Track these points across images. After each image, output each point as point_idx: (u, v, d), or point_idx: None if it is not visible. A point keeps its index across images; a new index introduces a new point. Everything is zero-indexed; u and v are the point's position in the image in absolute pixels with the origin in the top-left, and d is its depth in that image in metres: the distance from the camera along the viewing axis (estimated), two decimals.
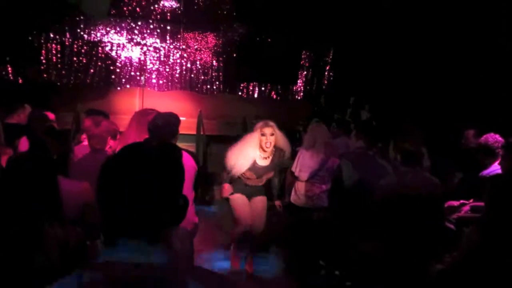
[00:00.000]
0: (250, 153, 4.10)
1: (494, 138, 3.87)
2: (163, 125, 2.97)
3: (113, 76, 8.34)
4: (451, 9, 6.15)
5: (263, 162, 4.21)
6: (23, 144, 3.11)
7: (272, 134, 4.07)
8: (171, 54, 8.68)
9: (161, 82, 8.65)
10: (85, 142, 3.48)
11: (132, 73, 8.46)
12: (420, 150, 3.18)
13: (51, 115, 4.21)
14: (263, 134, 4.08)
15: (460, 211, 3.68)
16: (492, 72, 5.91)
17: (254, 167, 4.18)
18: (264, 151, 4.13)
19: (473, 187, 3.91)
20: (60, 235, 1.80)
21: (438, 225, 3.10)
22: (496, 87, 5.90)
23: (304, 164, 4.47)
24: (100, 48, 8.21)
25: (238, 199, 4.31)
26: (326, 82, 9.58)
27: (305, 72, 9.43)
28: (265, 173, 4.24)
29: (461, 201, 3.90)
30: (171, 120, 3.04)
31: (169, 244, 1.20)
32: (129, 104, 8.26)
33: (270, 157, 4.21)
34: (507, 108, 5.56)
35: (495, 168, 3.75)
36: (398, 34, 7.12)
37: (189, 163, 2.93)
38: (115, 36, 8.27)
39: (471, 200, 3.84)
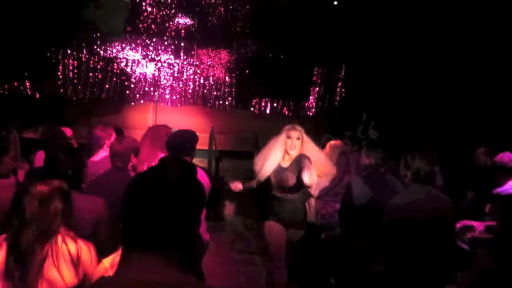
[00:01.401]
0: (275, 155, 3.82)
1: (510, 157, 3.84)
2: (179, 143, 3.02)
3: (127, 92, 8.48)
4: (462, 25, 6.14)
5: (286, 164, 3.86)
6: (39, 159, 3.17)
7: (298, 139, 3.78)
8: (185, 70, 8.81)
9: (174, 97, 8.77)
10: (95, 158, 3.51)
11: (146, 89, 8.60)
12: (432, 168, 3.15)
13: (68, 131, 4.27)
14: (288, 137, 3.80)
15: (474, 231, 3.62)
16: (505, 89, 5.87)
17: (278, 170, 3.82)
18: (288, 154, 3.81)
19: (486, 205, 3.87)
20: (72, 250, 1.83)
21: (450, 244, 3.05)
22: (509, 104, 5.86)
23: (320, 181, 4.44)
24: (115, 64, 8.37)
25: (273, 227, 3.82)
26: (338, 98, 9.60)
27: (317, 88, 9.47)
28: (289, 176, 3.79)
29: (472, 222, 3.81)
30: (187, 138, 3.08)
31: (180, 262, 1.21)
32: (142, 119, 8.36)
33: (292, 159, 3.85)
34: None
35: (510, 186, 3.70)
36: (410, 51, 7.12)
37: (203, 181, 2.95)
38: (130, 53, 8.43)
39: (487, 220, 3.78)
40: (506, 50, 5.65)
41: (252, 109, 9.30)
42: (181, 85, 8.80)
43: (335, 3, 8.33)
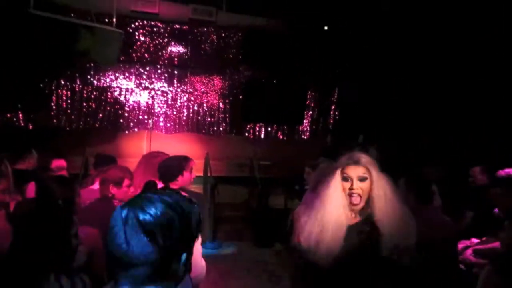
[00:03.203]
0: (336, 213, 2.18)
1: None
2: (163, 168, 3.03)
3: (121, 120, 8.47)
4: (459, 42, 6.18)
5: (352, 220, 2.26)
6: (31, 190, 3.13)
7: (364, 179, 2.19)
8: (179, 98, 8.84)
9: (168, 125, 8.77)
10: (92, 186, 3.50)
11: (140, 117, 8.60)
12: (431, 188, 3.16)
13: (62, 162, 4.26)
14: (345, 179, 2.23)
15: (463, 254, 3.59)
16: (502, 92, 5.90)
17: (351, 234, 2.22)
18: (353, 205, 2.22)
19: (485, 225, 3.84)
20: (65, 287, 1.76)
21: (452, 265, 3.01)
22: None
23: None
24: (109, 93, 8.39)
25: None
26: (332, 121, 9.65)
27: (310, 112, 9.52)
28: (360, 241, 2.18)
29: (472, 239, 3.82)
30: (172, 164, 3.09)
31: None
32: (136, 147, 8.33)
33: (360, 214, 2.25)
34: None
35: None
36: (402, 72, 7.20)
37: None
38: (124, 81, 8.47)
39: (484, 238, 3.76)
40: (503, 51, 5.69)
41: (246, 134, 9.31)
42: (175, 112, 8.82)
43: (326, 28, 8.48)
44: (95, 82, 8.31)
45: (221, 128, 9.08)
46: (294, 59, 8.76)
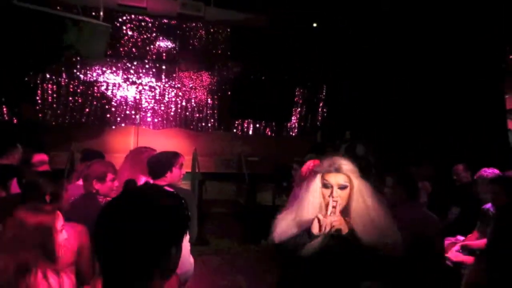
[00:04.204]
0: (310, 219, 2.06)
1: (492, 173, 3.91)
2: (152, 164, 3.00)
3: (108, 115, 8.39)
4: (459, 42, 6.17)
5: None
6: (15, 186, 3.08)
7: (344, 187, 2.11)
8: (167, 93, 8.78)
9: (156, 120, 8.71)
10: (79, 182, 3.45)
11: (128, 112, 8.52)
12: (417, 185, 3.20)
13: (44, 156, 4.19)
14: (325, 185, 2.13)
15: (450, 251, 3.65)
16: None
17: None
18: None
19: (470, 222, 3.90)
20: (53, 285, 1.73)
21: (439, 262, 3.04)
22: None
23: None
24: (95, 88, 8.29)
25: None
26: (320, 118, 9.69)
27: (299, 109, 9.54)
28: (335, 247, 2.11)
29: (457, 236, 3.88)
30: (161, 159, 3.06)
31: None
32: (124, 143, 8.27)
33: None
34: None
35: None
36: (401, 72, 7.19)
37: None
38: (111, 76, 8.38)
39: (469, 235, 3.82)
40: (503, 51, 5.70)
41: (234, 130, 9.30)
42: (163, 108, 8.76)
43: (315, 25, 8.49)
44: (81, 76, 8.20)
45: (209, 124, 9.06)
46: (283, 56, 8.76)
